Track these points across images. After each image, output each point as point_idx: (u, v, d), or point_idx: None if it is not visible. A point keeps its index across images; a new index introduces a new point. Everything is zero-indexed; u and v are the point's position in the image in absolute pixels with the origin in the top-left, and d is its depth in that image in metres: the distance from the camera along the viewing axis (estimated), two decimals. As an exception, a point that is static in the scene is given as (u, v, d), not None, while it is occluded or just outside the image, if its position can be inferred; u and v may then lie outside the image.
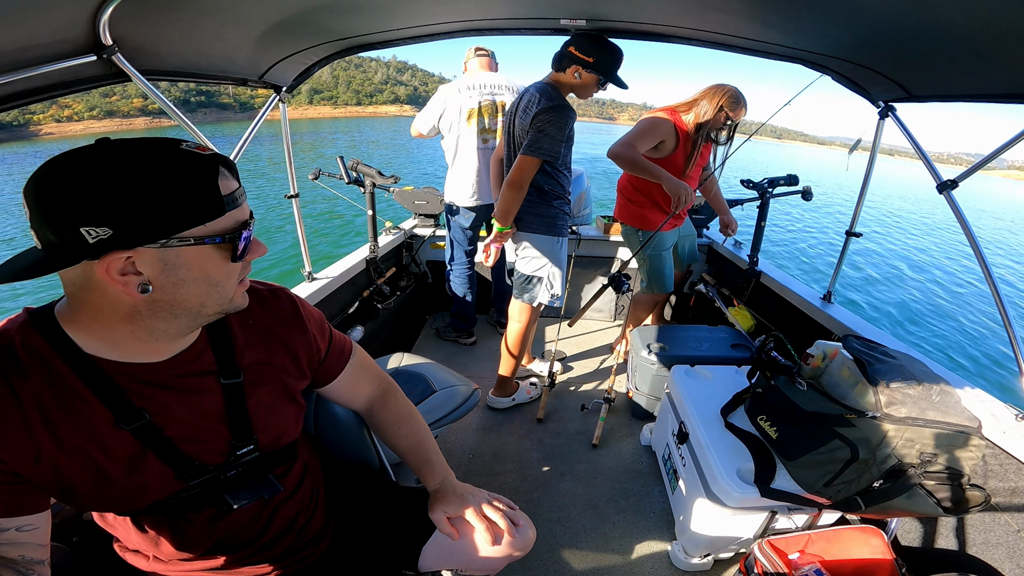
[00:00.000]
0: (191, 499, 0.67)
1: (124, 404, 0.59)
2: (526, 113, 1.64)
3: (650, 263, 2.28)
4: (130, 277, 0.52)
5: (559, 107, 1.59)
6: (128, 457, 0.60)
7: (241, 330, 0.71)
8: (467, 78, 2.31)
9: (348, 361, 0.88)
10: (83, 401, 0.57)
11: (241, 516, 0.72)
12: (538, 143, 1.59)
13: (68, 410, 0.56)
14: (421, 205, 2.87)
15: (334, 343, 0.85)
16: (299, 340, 0.77)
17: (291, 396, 0.76)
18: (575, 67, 1.59)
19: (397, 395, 0.96)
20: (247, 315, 0.71)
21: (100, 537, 0.78)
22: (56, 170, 0.48)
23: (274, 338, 0.74)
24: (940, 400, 1.13)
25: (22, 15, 0.73)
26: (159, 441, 0.62)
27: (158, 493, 0.64)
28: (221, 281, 0.59)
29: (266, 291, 0.77)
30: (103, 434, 0.58)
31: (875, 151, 1.80)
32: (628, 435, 2.03)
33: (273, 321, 0.75)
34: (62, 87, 0.93)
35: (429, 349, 2.75)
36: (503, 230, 1.77)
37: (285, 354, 0.75)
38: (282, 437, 0.75)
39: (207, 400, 0.66)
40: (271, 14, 1.15)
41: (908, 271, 9.18)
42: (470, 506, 0.82)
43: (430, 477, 0.88)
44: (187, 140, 0.56)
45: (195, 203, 0.53)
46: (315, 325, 0.81)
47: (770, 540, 1.22)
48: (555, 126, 1.58)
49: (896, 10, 0.99)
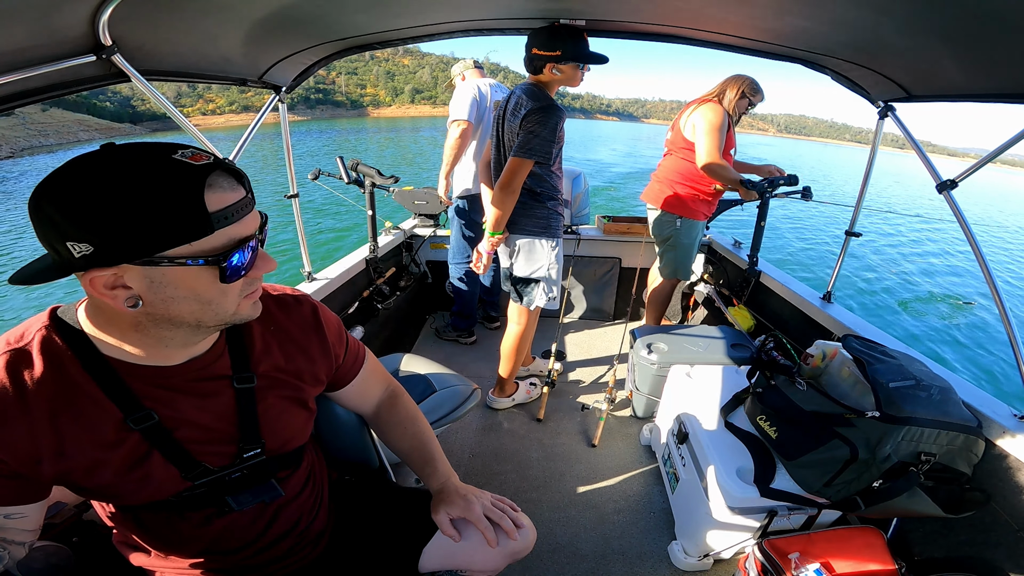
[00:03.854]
0: (193, 498, 0.67)
1: (134, 406, 0.59)
2: (514, 115, 1.62)
3: (680, 250, 2.39)
4: (119, 291, 0.51)
5: (548, 107, 1.57)
6: (135, 457, 0.61)
7: (261, 335, 0.71)
8: (476, 79, 2.38)
9: (361, 367, 0.89)
10: (93, 402, 0.57)
11: (241, 517, 0.73)
12: (529, 144, 1.57)
13: (77, 411, 0.57)
14: (421, 205, 2.87)
15: (349, 349, 0.86)
16: (318, 348, 0.77)
17: (303, 402, 0.76)
18: (548, 65, 1.57)
19: (403, 397, 0.97)
20: (268, 321, 0.72)
21: (100, 537, 0.78)
22: (49, 184, 0.47)
23: (293, 345, 0.75)
24: (940, 400, 1.14)
25: (22, 15, 0.73)
26: (167, 442, 0.62)
27: (162, 491, 0.64)
28: (213, 299, 0.56)
29: (290, 298, 0.77)
30: (111, 434, 0.59)
31: (875, 151, 1.80)
32: (628, 435, 2.03)
33: (294, 328, 0.75)
34: (62, 87, 0.93)
35: (429, 349, 2.75)
36: (495, 235, 1.75)
37: (303, 361, 0.75)
38: (290, 442, 0.75)
39: (219, 403, 0.67)
40: (270, 14, 1.15)
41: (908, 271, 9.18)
42: (474, 508, 0.81)
43: (432, 477, 0.88)
44: (191, 145, 0.54)
45: (176, 221, 0.49)
46: (334, 333, 0.81)
47: (770, 540, 1.22)
48: (545, 127, 1.56)
49: (896, 10, 0.99)
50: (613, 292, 3.03)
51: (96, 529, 0.87)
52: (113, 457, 0.59)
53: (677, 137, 2.29)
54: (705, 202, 2.32)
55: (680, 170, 2.29)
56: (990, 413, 1.21)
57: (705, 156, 2.12)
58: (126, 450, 0.60)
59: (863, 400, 1.23)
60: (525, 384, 2.24)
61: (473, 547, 0.82)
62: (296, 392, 0.75)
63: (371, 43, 1.58)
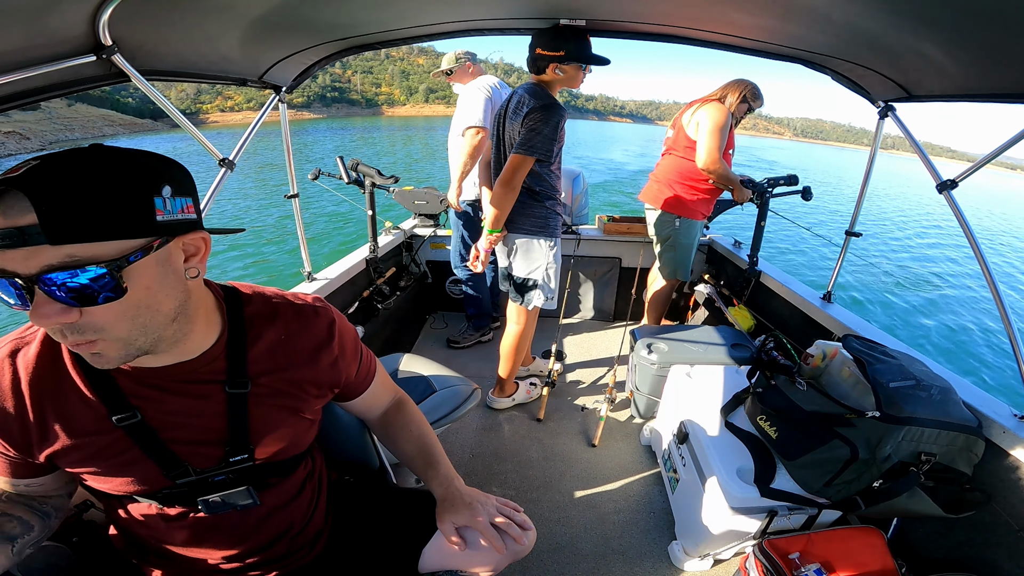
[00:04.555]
0: (173, 496, 0.67)
1: (120, 403, 0.61)
2: (516, 114, 1.63)
3: (680, 250, 2.40)
4: None
5: (551, 106, 1.58)
6: (117, 450, 0.62)
7: (269, 345, 0.70)
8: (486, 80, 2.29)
9: (372, 380, 0.88)
10: (79, 397, 0.60)
11: (225, 519, 0.72)
12: (531, 142, 1.58)
13: (62, 403, 0.59)
14: (421, 205, 2.87)
15: (363, 364, 0.85)
16: (329, 361, 0.76)
17: (302, 413, 0.75)
18: (552, 65, 1.58)
19: (408, 405, 0.97)
20: (283, 330, 0.71)
21: (100, 537, 0.78)
22: None
23: (302, 355, 0.73)
24: (940, 400, 1.14)
25: (22, 15, 0.73)
26: (150, 440, 0.63)
27: (144, 487, 0.65)
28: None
29: (310, 308, 0.75)
30: (92, 428, 0.60)
31: (875, 151, 1.80)
32: (628, 435, 2.03)
33: (308, 340, 0.74)
34: (62, 87, 0.93)
35: (429, 349, 2.75)
36: (494, 232, 1.74)
37: (310, 372, 0.74)
38: (283, 451, 0.74)
39: (209, 406, 0.66)
40: (270, 15, 1.15)
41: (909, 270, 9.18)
42: (480, 517, 0.81)
43: (435, 481, 0.87)
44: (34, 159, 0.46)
45: None
46: (350, 348, 0.80)
47: (770, 540, 1.22)
48: (548, 125, 1.57)
49: (896, 10, 0.99)
50: (613, 292, 3.04)
51: (96, 529, 0.87)
52: (96, 446, 0.61)
53: (679, 136, 2.29)
54: (704, 202, 2.33)
55: (680, 169, 2.30)
56: (990, 413, 1.21)
57: (706, 155, 2.13)
58: (108, 442, 0.61)
59: (863, 400, 1.23)
60: (525, 384, 2.24)
61: (474, 549, 0.82)
62: (296, 402, 0.73)
63: (371, 43, 1.58)
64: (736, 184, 2.24)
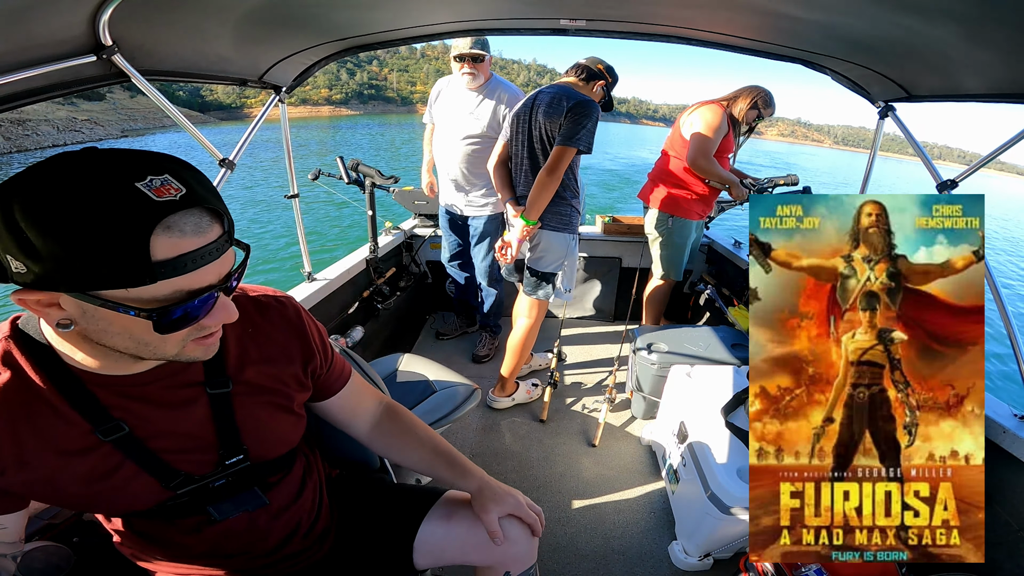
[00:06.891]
0: (178, 507, 0.66)
1: (102, 417, 0.57)
2: (552, 108, 1.68)
3: (674, 249, 2.41)
4: (52, 310, 0.48)
5: (592, 103, 1.67)
6: (106, 468, 0.59)
7: (237, 339, 0.68)
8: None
9: (347, 381, 0.85)
10: (57, 414, 0.55)
11: (235, 523, 0.71)
12: (577, 134, 1.64)
13: (38, 423, 0.55)
14: (421, 205, 2.87)
15: (335, 362, 0.83)
16: (299, 350, 0.74)
17: (287, 407, 0.74)
18: (601, 82, 1.82)
19: (403, 410, 0.94)
20: (246, 323, 0.69)
21: (100, 537, 0.78)
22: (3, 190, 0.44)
23: (274, 347, 0.71)
24: (940, 400, 1.13)
25: (22, 15, 0.73)
26: (140, 452, 0.61)
27: (140, 502, 0.63)
28: (151, 342, 0.52)
29: (271, 299, 0.74)
30: (76, 446, 0.57)
31: (875, 151, 1.80)
32: (628, 435, 2.03)
33: (275, 330, 0.72)
34: (62, 87, 0.93)
35: (429, 349, 2.75)
36: (531, 223, 1.75)
37: (285, 364, 0.73)
38: (276, 447, 0.73)
39: (194, 411, 0.64)
40: (270, 15, 1.15)
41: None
42: (522, 505, 0.83)
43: (467, 475, 0.85)
44: (177, 167, 0.48)
45: (114, 264, 0.44)
46: (316, 338, 0.78)
47: (770, 540, 1.22)
48: (591, 119, 1.66)
49: (896, 10, 0.99)
50: (613, 292, 3.04)
51: (96, 529, 0.87)
52: (79, 467, 0.57)
53: (675, 136, 2.30)
54: (698, 202, 2.33)
55: (674, 169, 2.32)
56: (990, 413, 1.21)
57: (692, 153, 2.16)
58: (94, 461, 0.58)
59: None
60: (526, 384, 2.24)
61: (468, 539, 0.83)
62: (278, 397, 0.72)
63: (371, 43, 1.58)
64: (732, 182, 2.25)
